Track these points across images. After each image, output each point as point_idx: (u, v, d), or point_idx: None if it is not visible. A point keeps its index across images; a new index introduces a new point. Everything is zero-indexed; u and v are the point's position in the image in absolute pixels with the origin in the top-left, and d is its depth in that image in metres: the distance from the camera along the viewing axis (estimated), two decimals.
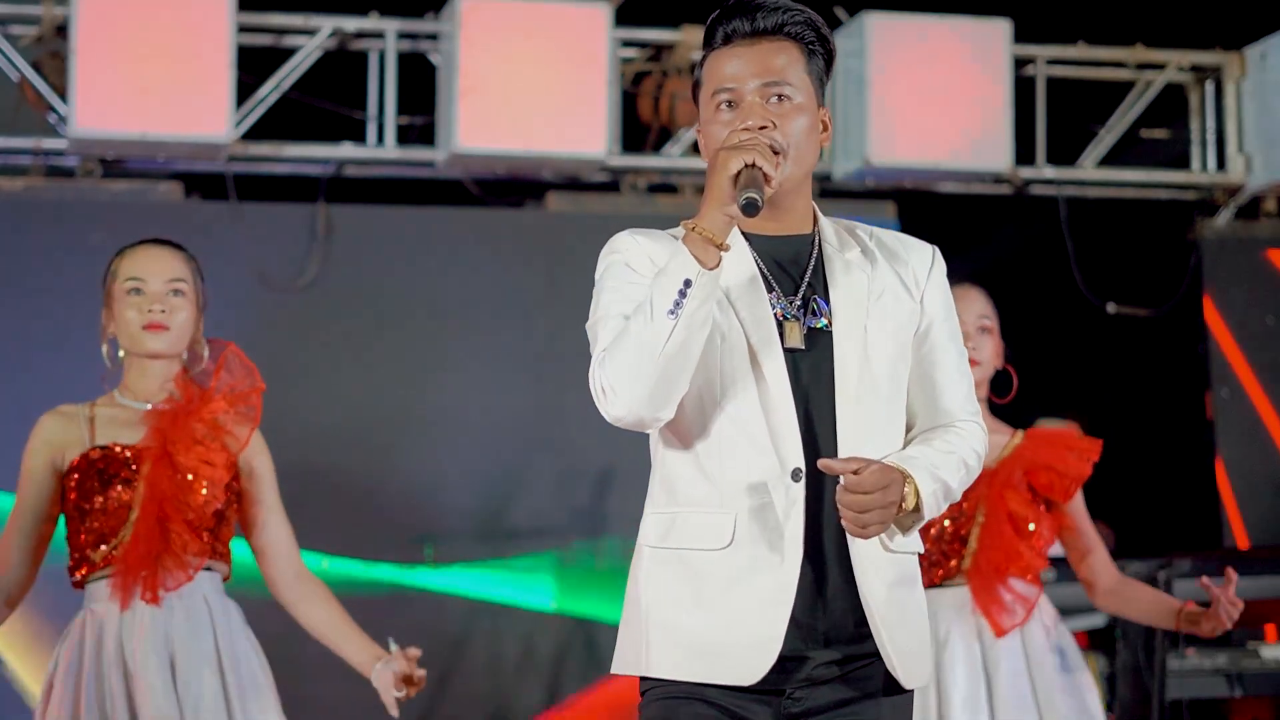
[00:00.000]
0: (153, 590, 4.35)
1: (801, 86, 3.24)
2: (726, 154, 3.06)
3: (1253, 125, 8.37)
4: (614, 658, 3.27)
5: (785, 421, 3.13)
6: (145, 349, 4.49)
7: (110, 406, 4.52)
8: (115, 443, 4.44)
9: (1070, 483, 4.85)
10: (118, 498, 4.40)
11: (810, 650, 3.15)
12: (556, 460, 7.51)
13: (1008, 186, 8.26)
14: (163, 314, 4.48)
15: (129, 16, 7.20)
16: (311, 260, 7.67)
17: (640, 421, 3.10)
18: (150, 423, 4.44)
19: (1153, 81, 8.36)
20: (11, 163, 7.58)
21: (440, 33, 7.69)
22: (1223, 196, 8.50)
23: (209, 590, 4.45)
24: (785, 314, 3.19)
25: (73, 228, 7.44)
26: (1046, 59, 8.25)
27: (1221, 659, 6.51)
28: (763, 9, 3.25)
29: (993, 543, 4.78)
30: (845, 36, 7.93)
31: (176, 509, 4.37)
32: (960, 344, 3.37)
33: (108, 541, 4.39)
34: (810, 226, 3.33)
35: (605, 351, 3.09)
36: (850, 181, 8.07)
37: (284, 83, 7.66)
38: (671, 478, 3.21)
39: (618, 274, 3.20)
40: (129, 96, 7.18)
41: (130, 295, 4.50)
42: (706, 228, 3.03)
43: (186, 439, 4.41)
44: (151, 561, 4.35)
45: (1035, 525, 4.81)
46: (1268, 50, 8.25)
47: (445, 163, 7.68)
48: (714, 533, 3.14)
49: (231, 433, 4.45)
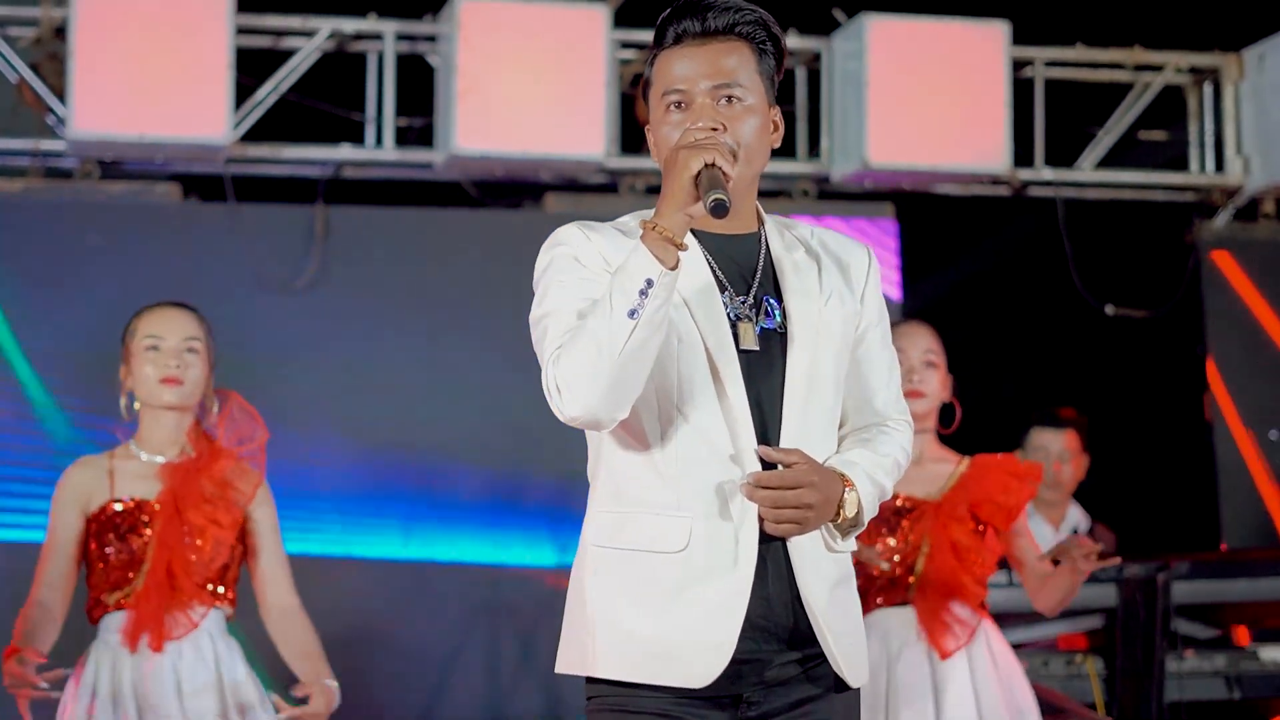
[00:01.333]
0: (159, 640, 4.76)
1: (752, 87, 3.23)
2: (687, 153, 3.04)
3: (1251, 127, 8.37)
4: (558, 658, 3.25)
5: (742, 425, 3.14)
6: (162, 401, 4.89)
7: (128, 459, 4.92)
8: (132, 497, 4.85)
9: (1011, 511, 5.07)
10: (132, 549, 4.82)
11: (762, 652, 3.15)
12: (556, 462, 7.50)
13: (1006, 188, 8.26)
14: (178, 369, 4.88)
15: (127, 18, 7.19)
16: (310, 262, 7.66)
17: (596, 421, 3.09)
18: (163, 479, 4.86)
19: (1151, 83, 8.36)
20: (10, 164, 7.58)
21: (438, 34, 7.69)
22: (1221, 198, 8.50)
23: (213, 629, 4.87)
24: (738, 315, 3.19)
25: (71, 229, 7.44)
26: (1045, 61, 8.25)
27: (1220, 661, 6.50)
28: (713, 9, 3.24)
29: (937, 571, 5.01)
30: (844, 38, 7.93)
31: (184, 566, 4.80)
32: (890, 344, 3.40)
33: (121, 588, 4.82)
34: (757, 226, 3.32)
35: (560, 350, 3.07)
36: (849, 183, 8.06)
37: (282, 84, 7.66)
38: (621, 478, 3.19)
39: (565, 268, 3.18)
40: (127, 98, 7.18)
41: (148, 352, 4.90)
42: (666, 227, 3.01)
43: (196, 496, 4.84)
44: (160, 612, 4.78)
45: (977, 554, 5.04)
46: (1266, 52, 8.25)
47: (443, 164, 7.68)
48: (670, 535, 3.13)
49: (237, 488, 4.88)
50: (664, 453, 3.15)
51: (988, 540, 5.08)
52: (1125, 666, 6.22)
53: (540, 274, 3.21)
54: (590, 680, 3.19)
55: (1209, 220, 8.51)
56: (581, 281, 3.14)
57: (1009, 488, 5.06)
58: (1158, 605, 6.15)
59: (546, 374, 3.09)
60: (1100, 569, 5.05)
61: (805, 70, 8.14)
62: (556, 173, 7.80)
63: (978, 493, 5.05)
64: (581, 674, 3.18)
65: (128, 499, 4.85)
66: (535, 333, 3.17)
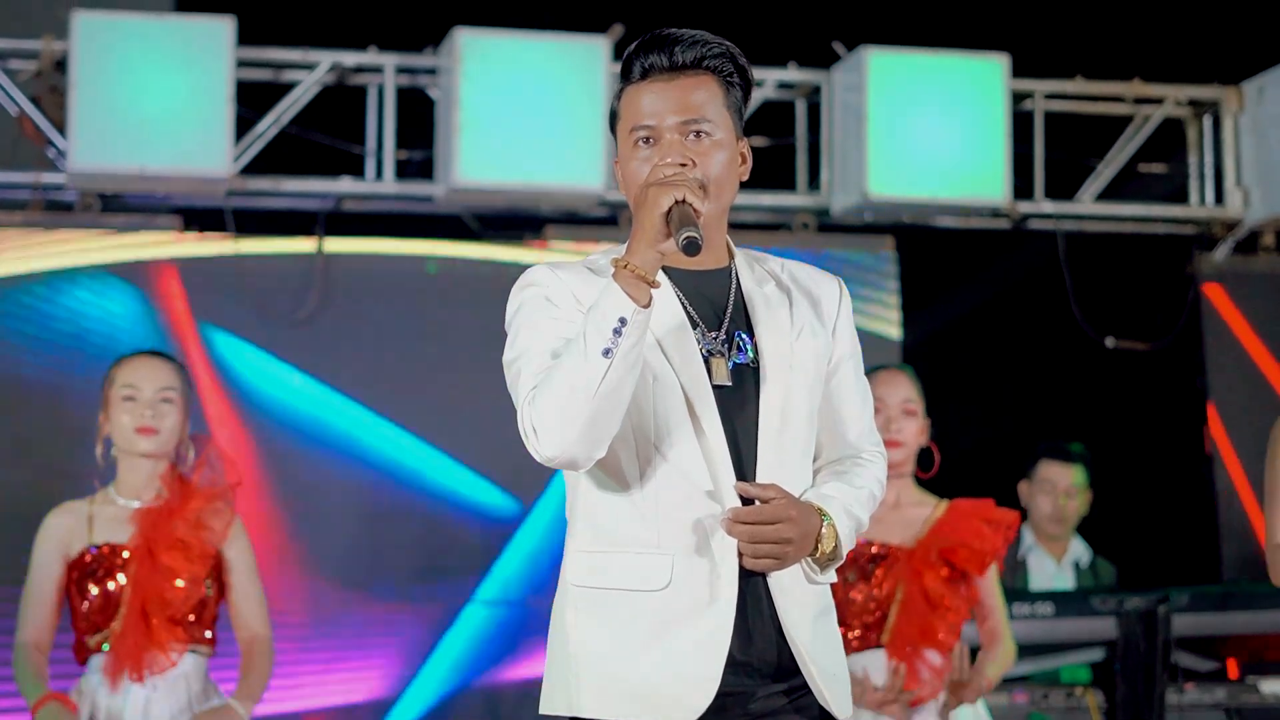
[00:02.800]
0: (139, 674, 4.92)
1: (720, 121, 3.23)
2: (657, 190, 3.04)
3: (1251, 159, 8.37)
4: (541, 698, 3.23)
5: (721, 462, 3.14)
6: (138, 449, 5.05)
7: (106, 504, 5.09)
8: (107, 543, 5.01)
9: (985, 557, 5.13)
10: (109, 592, 4.98)
11: (746, 686, 3.14)
12: (556, 495, 7.50)
13: (1006, 221, 8.26)
14: (153, 418, 5.04)
15: (128, 51, 7.21)
16: (310, 295, 7.66)
17: (573, 461, 3.08)
18: (137, 523, 5.02)
19: (1150, 116, 8.37)
20: (10, 197, 7.58)
21: (439, 67, 7.70)
22: (1221, 230, 8.50)
23: (190, 672, 5.01)
24: (710, 350, 3.19)
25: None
26: (1044, 93, 8.26)
27: (1220, 694, 6.49)
28: (680, 43, 3.23)
29: (909, 619, 5.05)
30: (844, 71, 7.94)
31: (159, 606, 4.94)
32: (863, 376, 3.41)
33: (100, 630, 4.99)
34: (727, 260, 3.31)
35: (535, 390, 3.07)
36: (848, 216, 8.07)
37: (283, 117, 7.67)
38: (599, 516, 3.18)
39: (538, 308, 3.18)
40: (128, 131, 7.19)
41: (125, 401, 5.05)
42: (638, 265, 3.01)
43: (169, 538, 4.97)
44: (138, 653, 4.93)
45: (950, 602, 5.09)
46: (1265, 85, 8.26)
47: (444, 197, 7.68)
48: (650, 574, 3.12)
49: (210, 528, 5.02)
50: (642, 491, 3.14)
51: (962, 588, 5.13)
52: (1125, 699, 6.21)
53: (512, 316, 3.23)
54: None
55: (1209, 253, 8.51)
56: (554, 321, 3.14)
57: (983, 533, 5.11)
58: (1158, 638, 6.14)
59: (522, 415, 3.09)
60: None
61: (805, 103, 8.15)
62: (556, 205, 7.80)
63: (952, 538, 5.10)
64: (567, 714, 3.17)
65: (103, 544, 5.01)
66: (509, 375, 3.18)
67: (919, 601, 5.04)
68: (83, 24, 7.19)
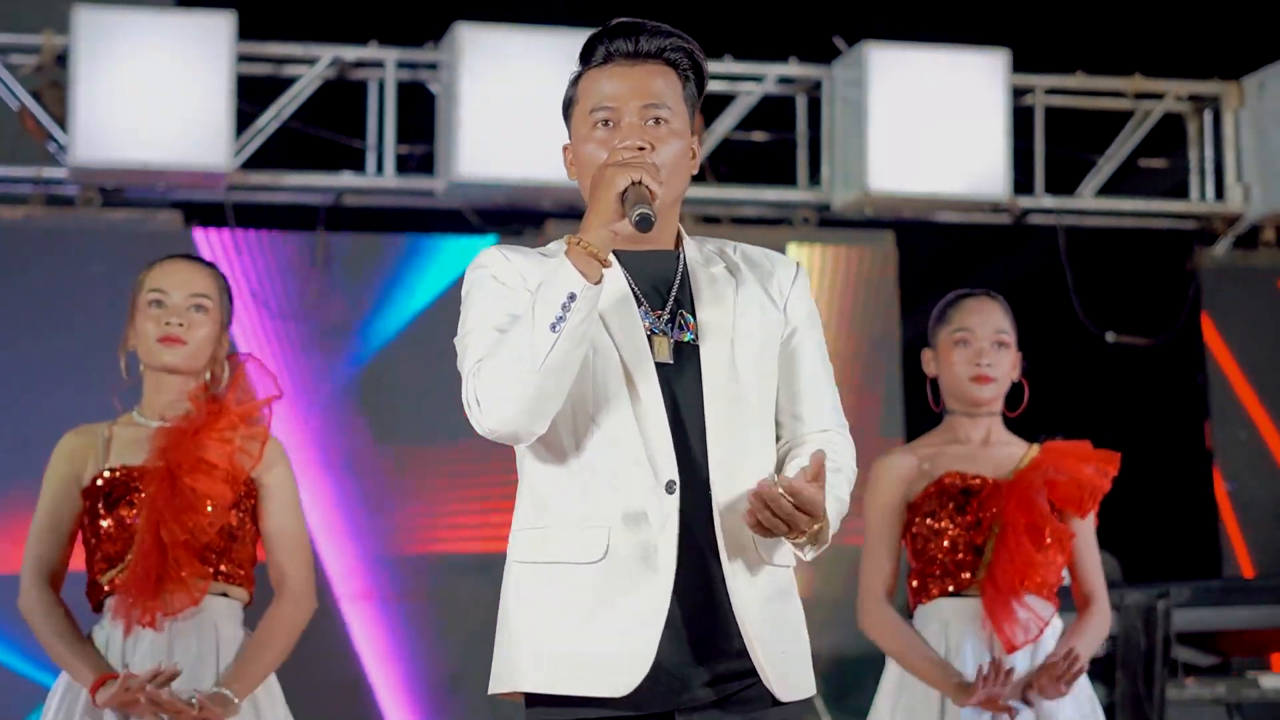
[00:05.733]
0: (150, 614, 4.27)
1: (678, 112, 3.26)
2: (614, 170, 3.07)
3: (1251, 155, 8.37)
4: (490, 677, 3.23)
5: (659, 434, 3.13)
6: (160, 362, 4.43)
7: (128, 426, 4.46)
8: (122, 464, 4.38)
9: (1089, 495, 4.75)
10: (124, 521, 4.34)
11: (690, 666, 3.13)
12: None
13: (1006, 216, 8.26)
14: (180, 328, 4.42)
15: (129, 46, 7.21)
16: (310, 289, 7.67)
17: (514, 435, 3.10)
18: (156, 442, 4.37)
19: (1151, 111, 8.37)
20: (11, 192, 7.59)
21: (440, 62, 7.70)
22: (1221, 226, 8.50)
23: (221, 618, 4.38)
24: (654, 329, 3.19)
25: (72, 257, 7.45)
26: (1045, 89, 8.26)
27: (1221, 689, 6.49)
28: (646, 32, 3.27)
29: (1009, 556, 4.64)
30: (844, 66, 7.94)
31: (175, 531, 4.27)
32: (823, 354, 3.36)
33: (115, 565, 4.35)
34: (676, 245, 3.32)
35: (480, 363, 3.08)
36: (849, 210, 8.06)
37: (283, 112, 7.67)
38: (542, 492, 3.20)
39: (487, 288, 3.20)
40: (129, 125, 7.19)
41: (151, 307, 4.44)
42: (591, 242, 3.04)
43: (191, 458, 4.31)
44: (151, 585, 4.26)
45: (1052, 539, 4.69)
46: (1266, 80, 8.26)
47: (444, 192, 7.69)
48: (587, 547, 3.13)
49: (244, 449, 4.37)
50: (580, 463, 3.15)
51: (1065, 524, 4.73)
52: (1126, 694, 6.20)
53: (464, 298, 3.24)
54: (529, 701, 3.18)
55: (1209, 248, 8.51)
56: (501, 300, 3.16)
57: (1086, 472, 4.74)
58: (1158, 633, 6.14)
59: (466, 386, 3.10)
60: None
61: (806, 98, 8.15)
62: (557, 200, 7.81)
63: (1055, 473, 4.73)
64: (510, 690, 3.18)
65: (118, 466, 4.39)
66: (459, 351, 3.18)
67: (1020, 536, 4.64)
68: (83, 18, 7.19)
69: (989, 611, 4.67)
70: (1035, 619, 4.66)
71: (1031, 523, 4.68)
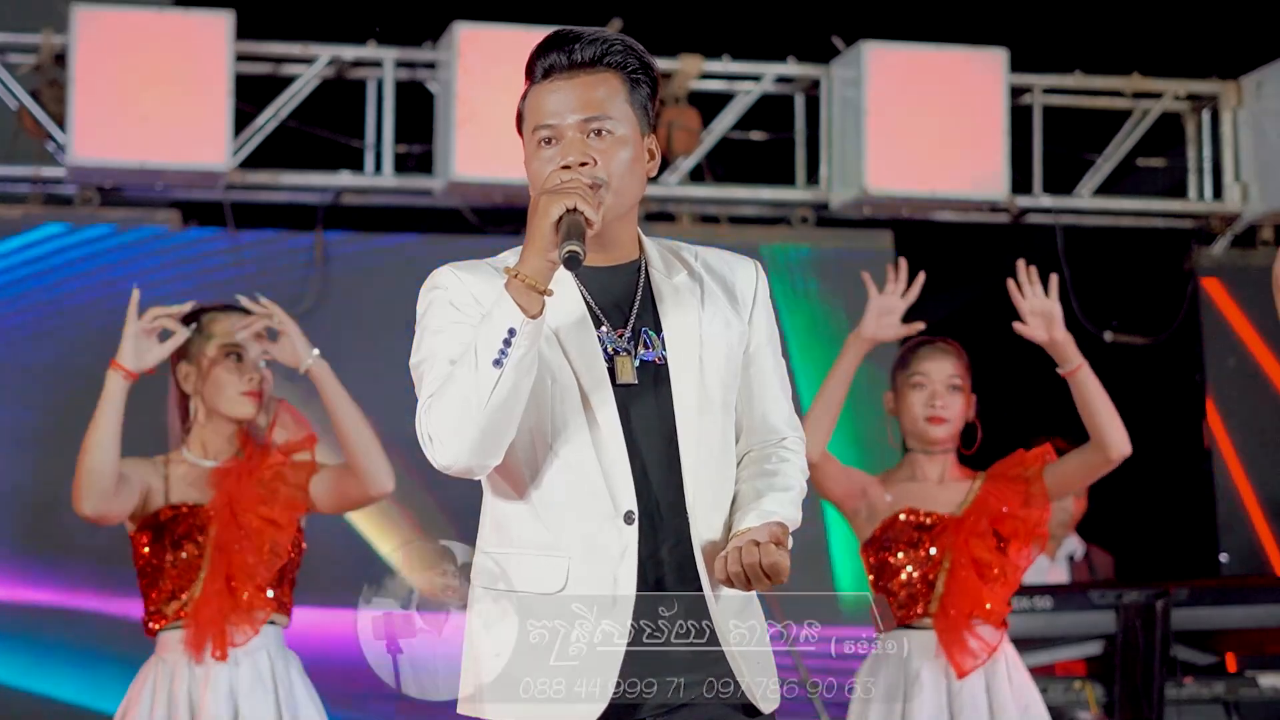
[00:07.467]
0: (222, 648, 4.66)
1: (623, 118, 3.20)
2: (548, 199, 3.00)
3: (1249, 154, 8.38)
4: (459, 698, 3.22)
5: (617, 463, 3.09)
6: (243, 414, 4.86)
7: (180, 464, 4.84)
8: (184, 502, 4.75)
9: (1033, 526, 5.07)
10: (188, 556, 4.72)
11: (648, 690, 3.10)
12: None
13: (1005, 215, 8.27)
14: (260, 383, 4.88)
15: (127, 45, 7.21)
16: (309, 289, 7.67)
17: (468, 470, 3.06)
18: (217, 483, 4.76)
19: (1149, 110, 8.38)
20: (10, 191, 7.59)
21: (438, 61, 7.70)
22: (1219, 225, 8.51)
23: (272, 645, 4.77)
24: (616, 349, 3.15)
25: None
26: (1043, 88, 8.26)
27: (1219, 688, 6.49)
28: (580, 41, 3.25)
29: (958, 589, 5.00)
30: (842, 65, 7.95)
31: (244, 570, 4.69)
32: (781, 360, 3.35)
33: (179, 597, 4.72)
34: (637, 254, 3.26)
35: (431, 399, 3.04)
36: (847, 210, 8.07)
37: (282, 111, 7.67)
38: (503, 519, 3.16)
39: (441, 313, 3.15)
40: (127, 125, 7.20)
41: (229, 359, 4.86)
42: (529, 274, 2.98)
43: (251, 498, 4.72)
44: (221, 620, 4.67)
45: (999, 571, 5.03)
46: (1264, 79, 8.27)
47: (443, 191, 7.69)
48: (547, 576, 3.09)
49: (291, 484, 4.78)
50: (539, 493, 3.11)
51: (1010, 556, 5.06)
52: (1124, 693, 6.21)
53: (419, 319, 3.20)
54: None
55: (1207, 247, 8.52)
56: (456, 325, 3.11)
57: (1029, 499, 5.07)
58: (1156, 632, 6.14)
59: (419, 423, 3.07)
60: None
61: (804, 97, 8.16)
62: None
63: (998, 509, 5.06)
64: (475, 716, 3.15)
65: (180, 503, 4.76)
66: (414, 379, 3.15)
67: (967, 570, 5.00)
68: (82, 17, 7.19)
69: (942, 641, 5.02)
70: (984, 646, 5.01)
71: (978, 558, 5.03)
